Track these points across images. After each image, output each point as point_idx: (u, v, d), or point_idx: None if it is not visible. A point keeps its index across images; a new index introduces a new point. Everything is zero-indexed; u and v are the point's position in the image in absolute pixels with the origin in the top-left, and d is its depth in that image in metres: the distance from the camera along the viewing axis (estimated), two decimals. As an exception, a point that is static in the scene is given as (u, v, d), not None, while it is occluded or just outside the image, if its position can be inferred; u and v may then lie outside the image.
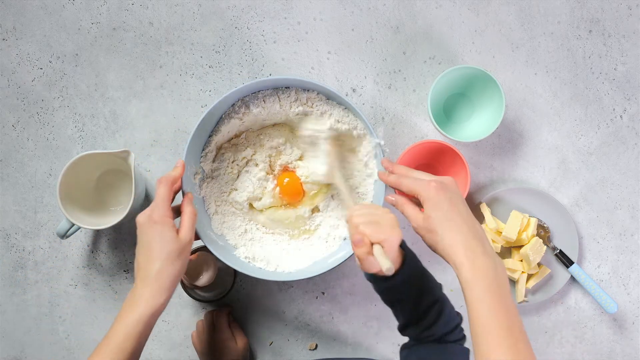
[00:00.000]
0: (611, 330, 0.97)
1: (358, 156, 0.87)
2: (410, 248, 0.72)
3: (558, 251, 0.93)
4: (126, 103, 0.93)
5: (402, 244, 0.71)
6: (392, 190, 0.85)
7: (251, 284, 0.94)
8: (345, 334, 0.95)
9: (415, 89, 0.94)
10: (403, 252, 0.70)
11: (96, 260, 0.93)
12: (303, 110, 0.84)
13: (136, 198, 0.82)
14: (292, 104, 0.84)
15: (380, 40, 0.94)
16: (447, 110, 0.94)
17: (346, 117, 0.83)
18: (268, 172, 0.88)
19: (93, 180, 0.89)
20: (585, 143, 0.96)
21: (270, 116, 0.85)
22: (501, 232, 0.91)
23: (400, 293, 0.70)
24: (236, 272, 0.91)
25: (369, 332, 0.96)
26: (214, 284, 0.90)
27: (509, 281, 0.92)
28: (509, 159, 0.95)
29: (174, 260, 0.69)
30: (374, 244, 0.66)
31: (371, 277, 0.71)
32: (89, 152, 0.81)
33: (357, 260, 0.67)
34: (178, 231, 0.71)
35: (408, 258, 0.70)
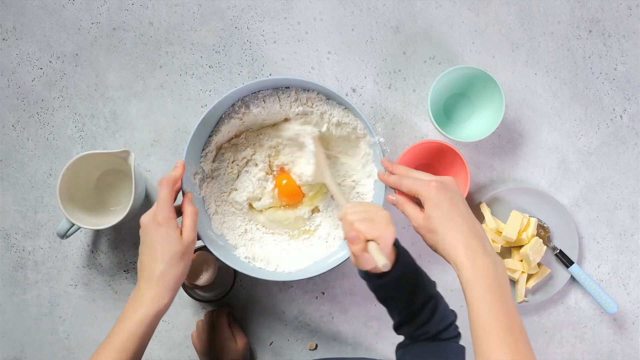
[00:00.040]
0: (611, 330, 0.97)
1: (356, 157, 0.87)
2: (404, 246, 0.73)
3: (558, 251, 0.93)
4: (126, 103, 0.93)
5: (395, 242, 0.71)
6: (392, 190, 0.85)
7: (251, 284, 0.94)
8: (345, 334, 0.95)
9: (415, 89, 0.94)
10: (396, 250, 0.71)
11: (96, 260, 0.93)
12: (303, 110, 0.84)
13: (136, 198, 0.82)
14: (292, 104, 0.84)
15: (380, 40, 0.94)
16: (447, 110, 0.94)
17: (346, 117, 0.83)
18: (267, 172, 0.88)
19: (93, 180, 0.89)
20: (585, 143, 0.96)
21: (270, 116, 0.85)
22: (501, 232, 0.91)
23: (394, 290, 0.70)
24: (236, 272, 0.91)
25: (369, 332, 0.96)
26: (214, 284, 0.90)
27: (509, 281, 0.93)
28: (509, 159, 0.95)
29: (178, 261, 0.69)
30: (369, 241, 0.65)
31: (365, 275, 0.71)
32: (89, 152, 0.81)
33: (352, 257, 0.67)
34: (181, 232, 0.71)
35: (401, 255, 0.70)
